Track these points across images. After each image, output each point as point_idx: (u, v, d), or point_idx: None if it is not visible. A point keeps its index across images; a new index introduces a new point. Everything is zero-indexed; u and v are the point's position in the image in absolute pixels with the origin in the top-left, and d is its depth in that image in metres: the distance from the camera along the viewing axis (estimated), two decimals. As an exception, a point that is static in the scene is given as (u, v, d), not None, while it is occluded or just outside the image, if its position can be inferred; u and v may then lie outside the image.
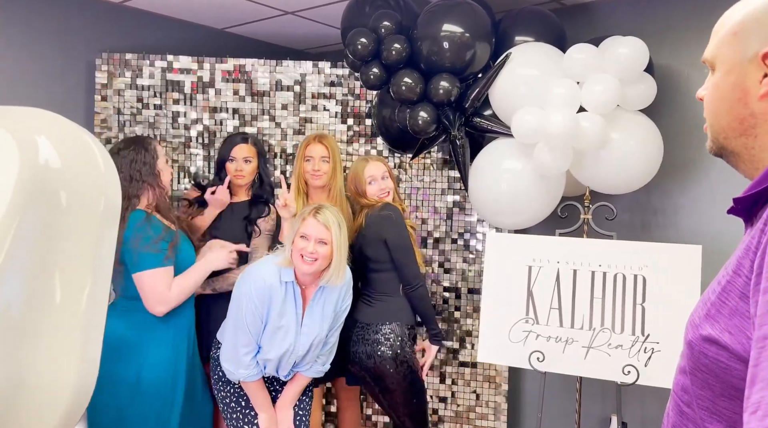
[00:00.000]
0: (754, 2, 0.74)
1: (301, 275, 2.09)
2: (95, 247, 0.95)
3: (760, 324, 0.64)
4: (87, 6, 3.05)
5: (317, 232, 2.03)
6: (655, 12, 2.70)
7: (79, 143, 0.93)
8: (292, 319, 2.10)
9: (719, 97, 0.77)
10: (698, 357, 0.76)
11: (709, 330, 0.74)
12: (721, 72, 0.76)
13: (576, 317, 2.31)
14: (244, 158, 2.61)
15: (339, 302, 2.20)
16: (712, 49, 0.80)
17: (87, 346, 0.97)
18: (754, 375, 0.63)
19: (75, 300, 0.94)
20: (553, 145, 2.31)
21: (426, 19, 2.60)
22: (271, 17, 3.27)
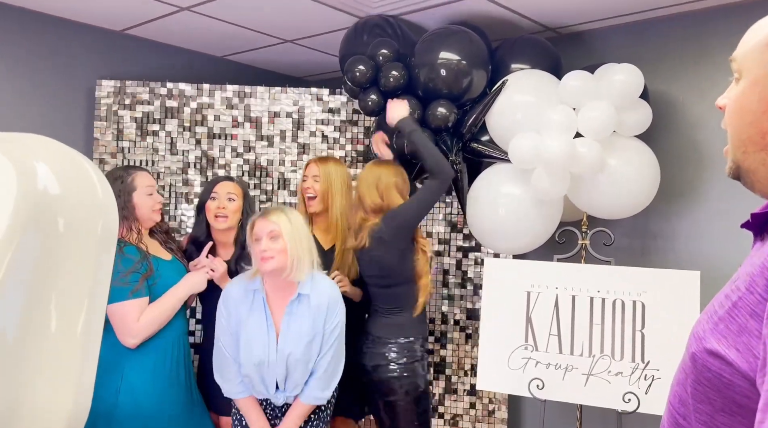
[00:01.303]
0: None
1: (266, 277, 2.07)
2: (92, 273, 0.95)
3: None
4: (88, 33, 3.09)
5: (265, 228, 2.02)
6: (649, 39, 2.75)
7: (78, 169, 0.93)
8: (259, 329, 2.05)
9: (743, 107, 0.75)
10: (701, 371, 0.75)
11: (714, 344, 0.73)
12: (748, 81, 0.75)
13: (575, 343, 2.30)
14: (227, 194, 2.36)
15: (321, 319, 2.06)
16: (741, 56, 0.78)
17: (82, 372, 0.96)
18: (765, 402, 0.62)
19: (71, 326, 0.93)
20: (550, 170, 2.32)
21: (423, 46, 2.64)
22: (271, 45, 3.32)
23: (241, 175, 3.08)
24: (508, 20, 2.78)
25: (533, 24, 2.84)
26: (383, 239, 2.29)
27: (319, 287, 2.09)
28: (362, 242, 2.32)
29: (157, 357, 2.11)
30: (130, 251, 2.10)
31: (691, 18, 2.64)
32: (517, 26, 2.84)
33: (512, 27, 2.83)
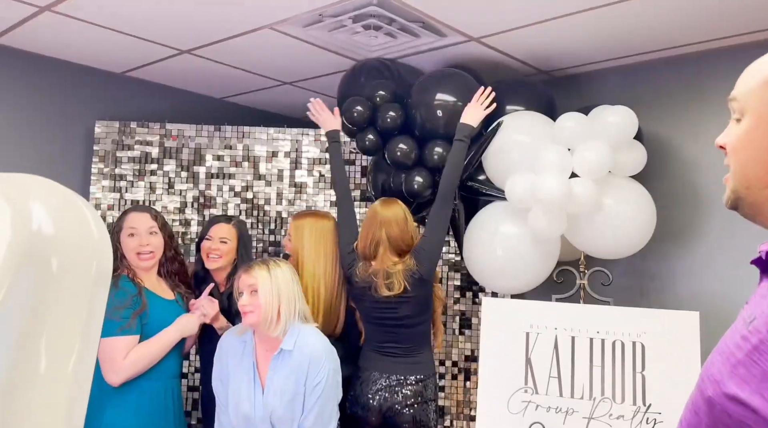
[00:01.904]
0: None
1: (254, 330, 2.09)
2: (84, 313, 0.94)
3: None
4: (88, 74, 3.14)
5: (246, 282, 2.04)
6: (642, 82, 2.80)
7: (73, 209, 0.93)
8: (246, 383, 2.04)
9: (750, 144, 0.77)
10: (719, 416, 0.72)
11: (735, 389, 0.71)
12: (752, 119, 0.77)
13: (576, 386, 2.26)
14: (220, 238, 2.42)
15: (302, 376, 2.01)
16: (743, 95, 0.80)
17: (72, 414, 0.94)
18: None
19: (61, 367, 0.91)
20: (546, 209, 2.33)
21: (420, 88, 2.69)
22: (270, 87, 3.37)
23: (239, 214, 3.08)
24: (503, 63, 2.84)
25: (527, 67, 2.90)
26: (423, 278, 2.30)
27: (303, 342, 2.04)
28: (401, 287, 2.27)
29: (141, 398, 2.05)
30: (125, 284, 2.10)
31: (683, 61, 2.70)
32: (512, 69, 2.89)
33: (506, 70, 2.89)
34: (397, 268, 2.29)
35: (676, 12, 2.25)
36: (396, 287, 2.27)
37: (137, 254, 2.15)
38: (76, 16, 2.44)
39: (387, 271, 2.30)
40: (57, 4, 2.32)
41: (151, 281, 2.22)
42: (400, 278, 2.27)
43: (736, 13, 2.25)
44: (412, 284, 2.28)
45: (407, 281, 2.27)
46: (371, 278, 2.31)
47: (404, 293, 2.28)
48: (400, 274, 2.28)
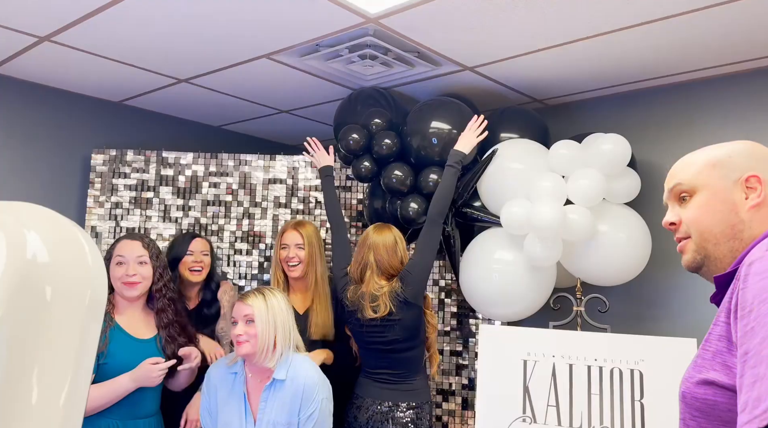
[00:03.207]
0: (722, 147, 1.02)
1: (245, 360, 2.05)
2: (78, 342, 0.93)
3: (740, 344, 0.77)
4: (86, 103, 3.16)
5: (241, 311, 2.02)
6: (635, 110, 2.84)
7: (69, 237, 0.93)
8: (237, 415, 2.00)
9: (709, 212, 0.96)
10: (691, 404, 0.89)
11: (697, 375, 0.88)
12: (706, 194, 0.97)
13: (574, 414, 2.23)
14: (201, 251, 2.56)
15: (296, 406, 1.99)
16: (689, 179, 1.00)
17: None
18: (740, 385, 0.75)
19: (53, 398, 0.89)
20: (542, 236, 2.34)
21: (415, 116, 2.72)
22: (267, 116, 3.40)
23: (234, 241, 3.08)
24: (497, 92, 2.88)
25: (521, 95, 2.93)
26: (408, 301, 2.30)
27: (295, 372, 2.03)
28: (387, 309, 2.29)
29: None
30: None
31: (675, 89, 2.74)
32: (505, 98, 2.93)
33: (500, 98, 2.93)
34: (384, 290, 2.31)
35: (668, 42, 2.30)
36: (381, 310, 2.29)
37: (123, 282, 2.07)
38: (75, 46, 2.47)
39: (373, 293, 2.32)
40: (56, 34, 2.35)
41: (132, 316, 2.11)
42: (386, 300, 2.29)
43: (725, 43, 2.30)
44: (398, 306, 2.29)
45: (393, 303, 2.29)
46: (359, 301, 2.34)
47: (390, 315, 2.29)
48: (386, 296, 2.30)
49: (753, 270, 0.80)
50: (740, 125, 2.57)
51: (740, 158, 0.97)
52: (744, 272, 0.83)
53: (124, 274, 2.07)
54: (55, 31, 2.32)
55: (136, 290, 2.09)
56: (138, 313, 2.14)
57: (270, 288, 2.13)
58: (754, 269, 0.80)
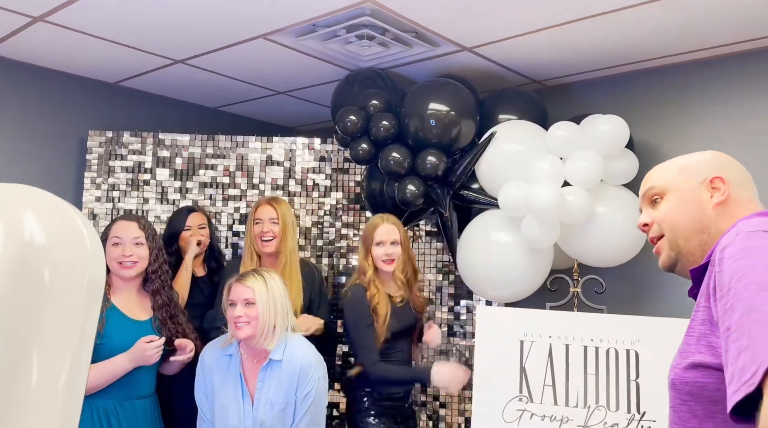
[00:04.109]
0: (690, 156, 1.14)
1: (241, 342, 2.05)
2: (78, 324, 0.93)
3: (722, 322, 0.83)
4: (81, 84, 3.13)
5: (241, 293, 2.00)
6: (633, 90, 2.82)
7: (65, 219, 0.92)
8: (233, 396, 2.01)
9: (682, 212, 1.06)
10: (681, 389, 0.94)
11: (684, 361, 0.94)
12: (677, 195, 1.08)
13: (570, 394, 2.25)
14: (199, 225, 2.64)
15: (293, 386, 2.00)
16: (662, 184, 1.10)
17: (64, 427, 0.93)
18: (726, 359, 0.79)
19: (53, 381, 0.90)
20: (539, 218, 2.34)
21: (413, 98, 2.70)
22: (264, 97, 3.38)
23: (232, 223, 3.08)
24: (495, 73, 2.86)
25: (519, 77, 2.92)
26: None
27: (292, 352, 2.04)
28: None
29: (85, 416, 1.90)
30: None
31: (673, 70, 2.73)
32: (504, 79, 2.91)
33: (499, 79, 2.91)
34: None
35: (666, 23, 2.28)
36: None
37: (119, 263, 2.07)
38: (69, 26, 2.44)
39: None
40: (50, 14, 2.32)
41: (128, 297, 2.11)
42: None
43: (723, 24, 2.28)
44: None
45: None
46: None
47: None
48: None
49: (727, 254, 0.87)
50: (737, 106, 2.56)
51: (706, 163, 1.09)
52: (718, 256, 0.89)
53: (121, 255, 2.06)
54: (48, 11, 2.29)
55: (133, 270, 2.08)
56: (134, 295, 2.14)
57: (267, 270, 2.13)
58: (728, 253, 0.87)
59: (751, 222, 0.94)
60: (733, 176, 1.07)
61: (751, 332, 0.76)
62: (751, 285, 0.79)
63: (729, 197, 1.03)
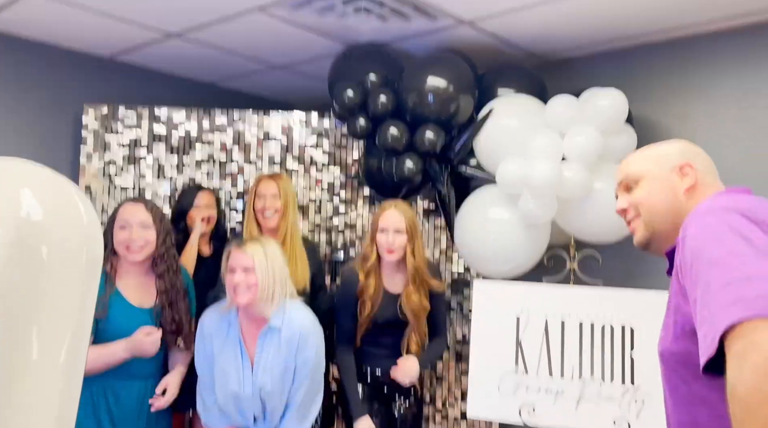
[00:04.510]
0: (661, 144, 1.24)
1: (240, 308, 2.06)
2: (77, 300, 0.93)
3: (690, 296, 0.95)
4: (76, 59, 3.09)
5: (240, 260, 2.01)
6: (633, 66, 2.80)
7: (63, 195, 0.92)
8: (233, 362, 2.04)
9: (657, 195, 1.15)
10: (670, 359, 1.03)
11: (668, 334, 1.03)
12: (650, 180, 1.16)
13: (565, 367, 2.29)
14: (206, 205, 2.64)
15: (292, 351, 2.03)
16: (634, 171, 1.19)
17: (64, 403, 0.93)
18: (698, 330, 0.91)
19: (53, 356, 0.91)
20: (537, 194, 2.34)
21: (411, 72, 2.68)
22: (260, 72, 3.34)
23: (230, 199, 3.07)
24: (494, 48, 2.83)
25: (519, 51, 2.89)
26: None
27: (291, 318, 2.06)
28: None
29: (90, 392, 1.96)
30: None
31: (673, 45, 2.70)
32: (503, 53, 2.88)
33: (498, 54, 2.88)
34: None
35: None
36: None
37: (126, 247, 2.05)
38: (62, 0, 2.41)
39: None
40: (42, -14, 2.28)
41: (134, 282, 2.10)
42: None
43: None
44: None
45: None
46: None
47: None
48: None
49: (688, 234, 0.99)
50: (738, 82, 2.55)
51: (675, 152, 1.18)
52: (681, 235, 1.01)
53: (128, 238, 2.05)
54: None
55: (140, 254, 2.07)
56: (141, 279, 2.13)
57: (265, 237, 2.13)
58: (689, 234, 0.98)
59: (707, 203, 1.04)
60: (699, 164, 1.16)
61: (709, 303, 0.87)
62: (706, 262, 0.91)
63: (697, 182, 1.13)
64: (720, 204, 1.00)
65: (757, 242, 0.89)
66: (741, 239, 0.90)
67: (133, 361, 2.03)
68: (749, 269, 0.85)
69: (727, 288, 0.85)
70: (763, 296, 0.82)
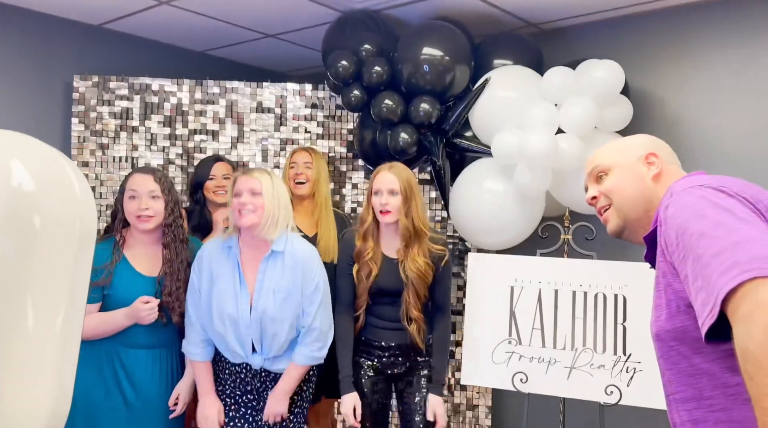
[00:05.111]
0: (627, 138, 1.31)
1: (242, 234, 2.08)
2: (71, 270, 0.93)
3: (680, 272, 0.97)
4: (65, 27, 3.03)
5: (247, 184, 2.03)
6: (630, 35, 2.77)
7: (54, 167, 0.91)
8: (231, 285, 2.05)
9: (627, 183, 1.20)
10: (665, 338, 1.04)
11: (662, 313, 1.04)
12: (620, 170, 1.21)
13: (558, 337, 2.32)
14: (223, 175, 2.63)
15: (297, 276, 2.04)
16: (606, 162, 1.24)
17: (62, 371, 0.94)
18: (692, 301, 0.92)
19: (49, 324, 0.91)
20: (532, 166, 2.34)
21: (406, 42, 2.64)
22: (252, 40, 3.29)
23: (224, 171, 3.05)
24: (490, 16, 2.79)
25: (515, 20, 2.85)
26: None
27: (293, 246, 2.09)
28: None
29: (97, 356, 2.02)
30: (101, 252, 2.02)
31: (671, 14, 2.67)
32: (499, 22, 2.84)
33: (494, 23, 2.84)
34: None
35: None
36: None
37: (137, 217, 2.08)
38: (47, -35, 2.34)
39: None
40: (27, -49, 2.22)
41: (143, 251, 2.13)
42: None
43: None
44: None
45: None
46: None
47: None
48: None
49: (669, 213, 1.02)
50: (735, 51, 2.53)
51: (641, 143, 1.25)
52: (662, 216, 1.04)
53: (137, 208, 2.08)
54: (24, -53, 2.20)
55: (150, 223, 2.10)
56: (150, 249, 2.15)
57: (269, 168, 2.13)
58: (670, 212, 1.02)
59: (680, 183, 1.09)
60: (663, 153, 1.22)
61: (703, 273, 0.90)
62: (692, 235, 0.94)
63: (662, 170, 1.19)
64: (693, 183, 1.04)
65: (737, 211, 0.93)
66: (722, 210, 0.94)
67: (138, 332, 2.07)
68: (737, 236, 0.89)
69: (720, 257, 0.88)
70: (758, 258, 0.84)
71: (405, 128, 2.64)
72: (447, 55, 2.56)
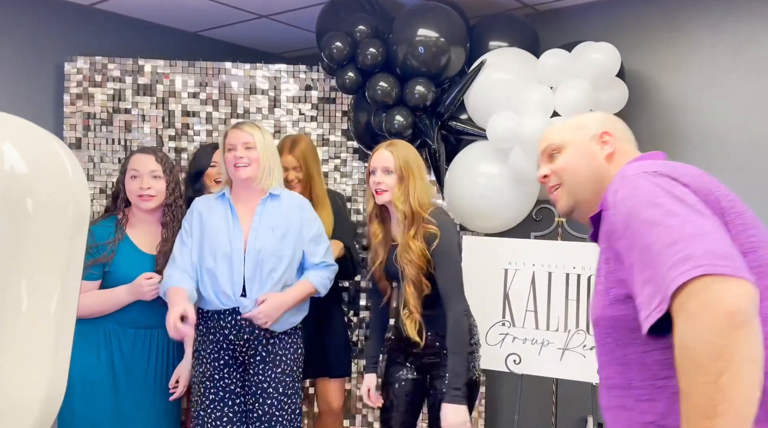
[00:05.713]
0: (581, 116, 1.31)
1: (236, 187, 2.11)
2: (65, 253, 0.93)
3: (626, 260, 0.94)
4: (57, 8, 2.99)
5: (240, 137, 2.06)
6: (626, 17, 2.75)
7: (47, 149, 0.90)
8: (224, 225, 2.07)
9: (578, 162, 1.17)
10: (603, 325, 1.03)
11: (602, 300, 1.02)
12: (573, 148, 1.19)
13: (551, 319, 2.34)
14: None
15: (294, 217, 2.10)
16: (559, 139, 1.21)
17: (57, 354, 0.94)
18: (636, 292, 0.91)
19: (43, 307, 0.91)
20: (528, 149, 2.33)
21: (402, 23, 2.62)
22: (246, 21, 3.25)
23: (217, 154, 3.04)
24: (486, -4, 2.76)
25: (511, 0, 2.82)
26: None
27: (288, 193, 2.18)
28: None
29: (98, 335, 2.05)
30: (103, 230, 2.07)
31: (668, -4, 2.65)
32: (495, 3, 2.82)
33: (490, 3, 2.81)
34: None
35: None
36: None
37: (139, 196, 2.12)
38: (36, -57, 2.30)
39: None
40: (14, -72, 2.17)
41: (145, 229, 2.16)
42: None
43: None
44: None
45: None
46: None
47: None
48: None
49: (618, 198, 0.98)
50: (731, 34, 2.52)
51: (594, 121, 1.22)
52: (611, 200, 1.00)
53: (139, 187, 2.11)
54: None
55: (152, 202, 2.13)
56: (152, 228, 2.18)
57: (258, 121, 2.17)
58: (620, 196, 0.97)
59: (632, 166, 1.03)
60: (618, 132, 1.19)
61: (652, 263, 0.86)
62: (643, 223, 0.90)
63: (616, 149, 1.16)
64: (647, 168, 1.00)
65: (690, 202, 0.90)
66: (675, 199, 0.91)
67: (135, 311, 2.09)
68: (691, 227, 0.86)
69: (673, 247, 0.84)
70: (710, 253, 0.82)
71: (400, 111, 2.63)
72: (442, 37, 2.54)
